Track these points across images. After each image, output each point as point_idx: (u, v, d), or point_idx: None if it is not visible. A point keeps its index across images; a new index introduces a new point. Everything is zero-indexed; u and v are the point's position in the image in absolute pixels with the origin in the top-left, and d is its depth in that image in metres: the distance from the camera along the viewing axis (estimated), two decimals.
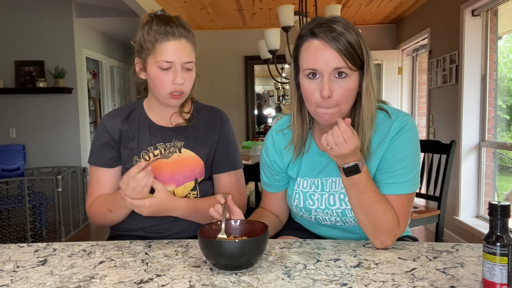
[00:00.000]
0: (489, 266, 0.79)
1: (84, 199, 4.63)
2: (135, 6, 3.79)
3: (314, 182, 1.17)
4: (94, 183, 1.31)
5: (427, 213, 2.38)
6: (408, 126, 1.08)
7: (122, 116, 1.32)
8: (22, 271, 0.97)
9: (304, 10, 2.95)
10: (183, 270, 0.95)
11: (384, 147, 1.08)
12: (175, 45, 1.19)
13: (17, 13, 4.59)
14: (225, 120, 1.37)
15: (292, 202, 1.21)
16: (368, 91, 1.05)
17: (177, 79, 1.20)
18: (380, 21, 5.32)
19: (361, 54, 1.03)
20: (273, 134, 1.24)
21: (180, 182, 1.29)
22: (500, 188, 3.59)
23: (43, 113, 4.68)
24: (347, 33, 1.01)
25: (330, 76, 1.02)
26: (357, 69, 1.04)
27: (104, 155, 1.30)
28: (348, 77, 1.03)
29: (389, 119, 1.10)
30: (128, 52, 6.50)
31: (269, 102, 9.69)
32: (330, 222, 1.17)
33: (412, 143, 1.09)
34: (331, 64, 1.01)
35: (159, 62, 1.19)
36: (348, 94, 1.04)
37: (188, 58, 1.21)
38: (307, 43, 1.04)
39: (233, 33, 5.53)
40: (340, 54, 1.00)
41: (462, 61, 3.48)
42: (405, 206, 1.08)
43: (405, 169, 1.07)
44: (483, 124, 3.47)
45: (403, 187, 1.07)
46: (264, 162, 1.26)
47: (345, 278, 0.88)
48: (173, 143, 1.29)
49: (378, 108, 1.11)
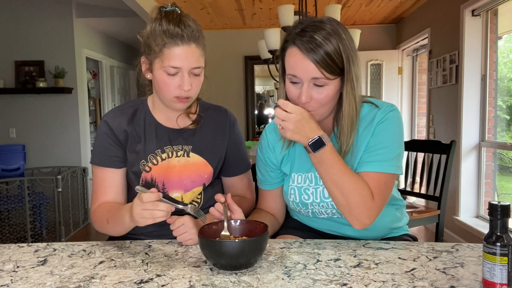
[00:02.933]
0: (489, 266, 0.79)
1: (84, 199, 4.63)
2: (135, 6, 3.79)
3: (308, 176, 1.19)
4: (99, 185, 1.25)
5: (427, 213, 2.38)
6: (392, 113, 1.12)
7: (126, 116, 1.26)
8: (22, 271, 0.97)
9: (304, 10, 2.95)
10: (183, 270, 0.95)
11: (369, 135, 1.12)
12: (183, 50, 1.13)
13: (17, 13, 4.59)
14: (234, 121, 1.35)
15: (289, 198, 1.23)
16: (348, 96, 1.10)
17: (184, 85, 1.15)
18: (380, 21, 5.32)
19: (340, 63, 1.06)
20: (267, 132, 1.27)
21: (188, 188, 1.27)
22: (500, 188, 3.59)
23: (43, 113, 4.68)
24: (326, 43, 1.04)
25: (309, 84, 1.07)
26: (336, 77, 1.07)
27: (109, 154, 1.24)
28: (325, 85, 1.07)
29: (375, 109, 1.14)
30: (128, 52, 6.52)
31: (269, 102, 9.68)
32: (326, 215, 1.19)
33: (395, 127, 1.12)
34: (309, 74, 1.06)
35: (165, 67, 1.14)
36: (325, 100, 1.09)
37: (196, 63, 1.16)
38: (290, 49, 1.09)
39: (233, 33, 5.53)
40: (316, 65, 1.04)
41: (462, 61, 3.48)
42: (381, 184, 1.09)
43: (385, 149, 1.10)
44: (483, 124, 3.47)
45: (381, 166, 1.09)
46: (259, 160, 1.29)
47: (345, 278, 0.88)
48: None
49: (364, 101, 1.16)
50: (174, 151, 1.26)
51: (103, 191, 1.24)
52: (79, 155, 4.75)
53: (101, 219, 1.21)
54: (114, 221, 1.15)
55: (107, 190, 1.24)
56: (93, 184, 1.27)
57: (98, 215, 1.22)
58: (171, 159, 1.26)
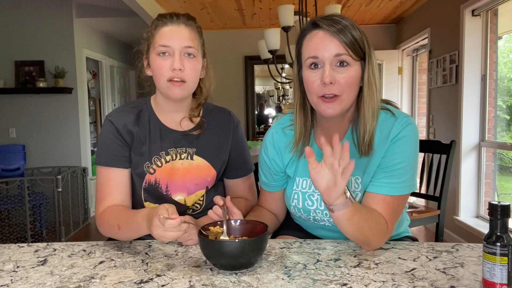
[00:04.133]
0: (489, 266, 0.79)
1: (84, 199, 4.63)
2: (135, 6, 3.79)
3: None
4: (105, 185, 1.21)
5: (427, 213, 2.38)
6: (409, 128, 1.07)
7: (131, 117, 1.25)
8: (22, 271, 0.97)
9: (304, 10, 2.95)
10: (183, 270, 0.95)
11: (384, 147, 1.08)
12: (172, 29, 1.16)
13: (17, 13, 4.59)
14: (237, 124, 1.34)
15: (291, 202, 1.20)
16: (370, 83, 1.05)
17: (174, 64, 1.14)
18: (380, 21, 5.32)
19: (363, 47, 1.04)
20: (273, 133, 1.22)
21: (191, 191, 1.26)
22: (500, 188, 3.59)
23: (43, 113, 4.68)
24: (352, 28, 1.03)
25: (331, 65, 1.02)
26: (359, 59, 1.04)
27: (115, 154, 1.22)
28: (349, 66, 1.03)
29: (392, 118, 1.09)
30: (128, 52, 6.51)
31: (269, 102, 9.68)
32: (329, 222, 1.16)
33: (411, 145, 1.08)
34: (332, 51, 1.02)
35: (156, 48, 1.16)
36: (349, 82, 1.03)
37: (187, 42, 1.16)
38: (310, 34, 1.05)
39: (233, 33, 5.53)
40: (341, 43, 1.01)
41: (462, 61, 3.48)
42: (394, 207, 1.07)
43: (400, 170, 1.06)
44: (483, 124, 3.47)
45: (395, 189, 1.06)
46: (263, 162, 1.25)
47: (345, 278, 0.88)
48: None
49: (382, 108, 1.11)
50: (178, 153, 1.25)
51: (109, 192, 1.21)
52: (79, 155, 4.75)
53: (110, 224, 1.16)
54: (127, 228, 1.12)
55: (113, 190, 1.21)
56: (98, 185, 1.24)
57: (106, 219, 1.18)
58: (174, 161, 1.25)
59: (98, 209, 1.21)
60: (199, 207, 1.30)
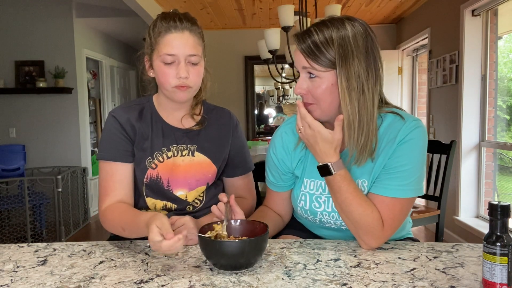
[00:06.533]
0: (489, 266, 0.79)
1: (84, 199, 4.63)
2: (135, 6, 3.79)
3: (321, 184, 1.15)
4: (108, 180, 1.22)
5: (427, 213, 2.38)
6: (417, 131, 1.05)
7: (134, 113, 1.27)
8: (22, 271, 0.97)
9: (304, 10, 2.95)
10: (183, 270, 0.95)
11: (391, 150, 1.06)
12: (177, 37, 1.17)
13: (17, 13, 4.59)
14: (237, 123, 1.36)
15: (298, 203, 1.19)
16: (343, 91, 1.02)
17: (180, 72, 1.16)
18: (380, 21, 5.32)
19: (329, 54, 1.01)
20: (283, 133, 1.22)
21: (193, 186, 1.28)
22: (500, 188, 3.59)
23: (43, 113, 4.68)
24: (317, 33, 1.03)
25: (302, 74, 1.07)
26: (327, 69, 1.03)
27: (119, 148, 1.23)
28: (317, 77, 1.05)
29: (400, 121, 1.07)
30: (128, 52, 6.51)
31: (269, 102, 9.68)
32: (335, 225, 1.16)
33: (419, 148, 1.06)
34: (299, 63, 1.07)
35: (161, 56, 1.17)
36: (319, 93, 1.05)
37: (192, 51, 1.18)
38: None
39: (233, 33, 5.53)
40: (302, 53, 1.05)
41: (462, 61, 3.48)
42: (395, 211, 1.05)
43: (404, 172, 1.04)
44: (483, 124, 3.47)
45: (397, 191, 1.04)
46: (271, 161, 1.24)
47: (345, 278, 0.88)
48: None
49: (390, 112, 1.10)
50: (180, 150, 1.27)
51: (112, 187, 1.21)
52: (79, 155, 4.75)
53: (113, 223, 1.18)
54: (131, 230, 1.13)
55: (116, 185, 1.21)
56: (101, 180, 1.24)
57: (110, 217, 1.19)
58: (176, 157, 1.27)
59: (102, 205, 1.22)
60: (199, 203, 1.31)
